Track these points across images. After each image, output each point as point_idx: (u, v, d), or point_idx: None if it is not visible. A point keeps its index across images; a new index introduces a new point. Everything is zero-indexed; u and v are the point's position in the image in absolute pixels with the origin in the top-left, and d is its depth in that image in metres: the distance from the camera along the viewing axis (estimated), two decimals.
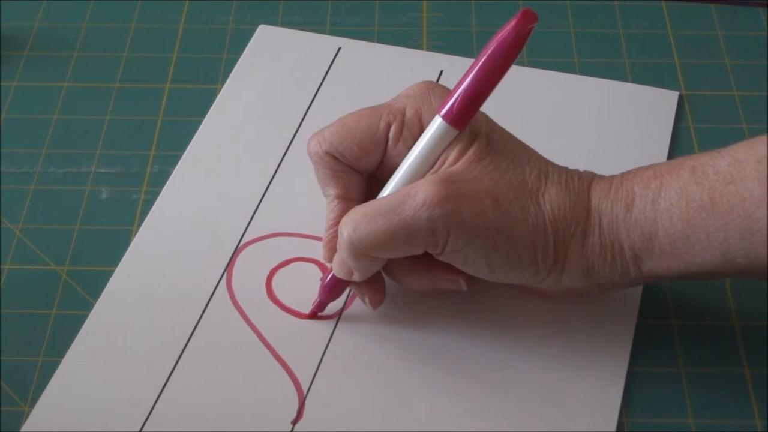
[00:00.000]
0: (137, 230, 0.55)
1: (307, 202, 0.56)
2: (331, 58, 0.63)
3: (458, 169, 0.46)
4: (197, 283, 0.52)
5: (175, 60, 0.64)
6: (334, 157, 0.49)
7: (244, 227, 0.55)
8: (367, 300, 0.50)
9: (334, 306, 0.51)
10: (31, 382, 0.49)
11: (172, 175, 0.57)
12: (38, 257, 0.54)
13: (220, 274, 0.53)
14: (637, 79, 0.63)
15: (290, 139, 0.59)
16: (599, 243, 0.46)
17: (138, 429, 0.47)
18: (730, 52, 0.64)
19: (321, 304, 0.51)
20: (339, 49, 0.64)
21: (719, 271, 0.45)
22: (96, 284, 0.53)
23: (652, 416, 0.48)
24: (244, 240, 0.54)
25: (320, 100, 0.61)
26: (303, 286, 0.52)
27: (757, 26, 0.66)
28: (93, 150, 0.59)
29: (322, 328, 0.51)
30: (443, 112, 0.46)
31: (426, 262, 0.48)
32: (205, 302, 0.52)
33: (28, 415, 0.48)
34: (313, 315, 0.51)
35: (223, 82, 0.62)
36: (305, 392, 0.48)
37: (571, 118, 0.60)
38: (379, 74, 0.63)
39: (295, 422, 0.47)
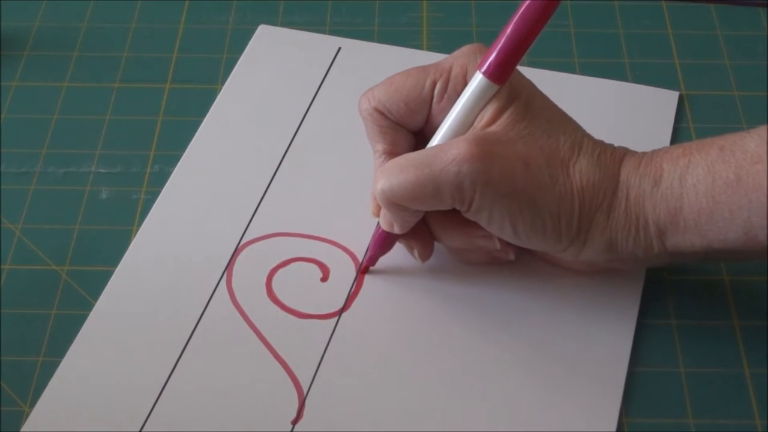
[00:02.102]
0: (137, 230, 0.55)
1: (307, 202, 0.56)
2: (331, 58, 0.63)
3: (494, 130, 0.47)
4: (197, 283, 0.52)
5: (175, 60, 0.64)
6: (382, 113, 0.50)
7: (244, 227, 0.55)
8: (416, 253, 0.51)
9: (334, 306, 0.51)
10: (31, 382, 0.49)
11: (172, 175, 0.57)
12: (38, 257, 0.54)
13: (220, 274, 0.53)
14: (637, 79, 0.63)
15: (290, 139, 0.59)
16: (624, 216, 0.47)
17: (138, 429, 0.47)
18: (730, 52, 0.64)
19: (372, 258, 0.52)
20: (339, 49, 0.64)
21: (741, 249, 0.46)
22: (96, 284, 0.53)
23: (652, 416, 0.48)
24: (244, 240, 0.54)
25: (320, 100, 0.61)
26: (303, 286, 0.52)
27: (757, 26, 0.66)
28: (93, 150, 0.59)
29: (322, 328, 0.51)
30: (483, 68, 0.47)
31: (461, 218, 0.49)
32: (205, 302, 0.52)
33: (28, 415, 0.48)
34: (365, 269, 0.52)
35: (223, 82, 0.62)
36: (305, 392, 0.48)
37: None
38: (379, 74, 0.62)
39: (295, 422, 0.48)
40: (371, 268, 0.53)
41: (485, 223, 0.48)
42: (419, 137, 0.51)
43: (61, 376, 0.49)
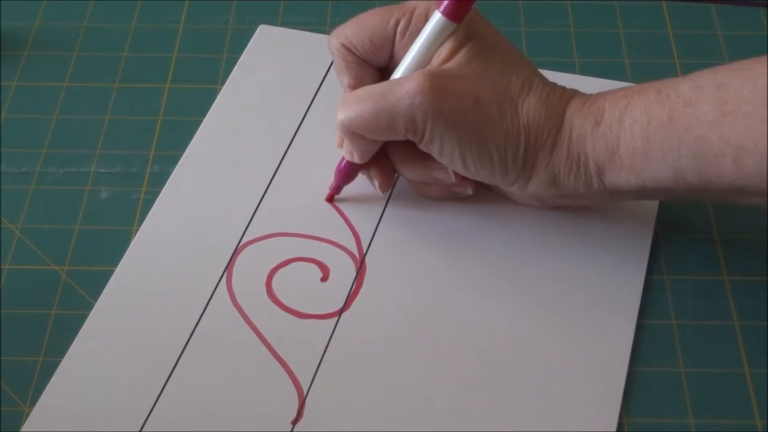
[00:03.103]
0: (137, 230, 0.55)
1: (307, 202, 0.56)
2: (331, 58, 0.63)
3: (449, 66, 0.50)
4: (197, 283, 0.52)
5: (175, 60, 0.64)
6: (348, 49, 0.53)
7: (244, 227, 0.55)
8: (376, 183, 0.55)
9: (334, 305, 0.51)
10: (31, 382, 0.49)
11: (172, 175, 0.57)
12: (38, 257, 0.54)
13: (220, 274, 0.53)
14: (637, 79, 0.62)
15: (290, 139, 0.59)
16: (567, 154, 0.49)
17: (138, 429, 0.47)
18: (730, 52, 0.64)
19: (336, 187, 0.55)
20: None
21: (673, 188, 0.48)
22: (96, 284, 0.53)
23: (652, 416, 0.48)
24: (244, 240, 0.54)
25: (320, 100, 0.61)
26: (303, 286, 0.52)
27: (757, 26, 0.66)
28: (93, 150, 0.59)
29: (322, 328, 0.51)
30: (441, 7, 0.50)
31: (419, 151, 0.52)
32: (205, 302, 0.52)
33: (28, 415, 0.48)
34: (330, 198, 0.56)
35: (223, 82, 0.62)
36: (305, 392, 0.48)
37: None
38: None
39: (295, 422, 0.47)
40: (369, 258, 0.53)
41: (437, 155, 0.51)
42: (384, 74, 0.54)
43: (61, 376, 0.49)
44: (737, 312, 0.52)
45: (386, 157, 0.54)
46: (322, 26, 0.66)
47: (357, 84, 0.53)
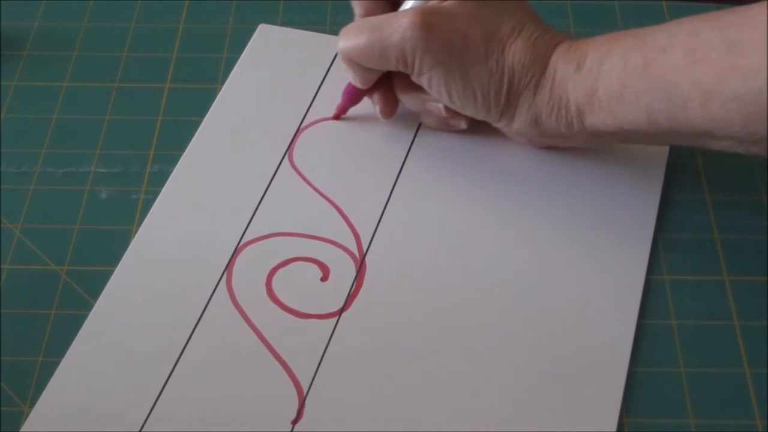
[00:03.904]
0: (137, 230, 0.55)
1: (307, 202, 0.56)
2: (331, 58, 0.63)
3: (444, 5, 0.53)
4: (197, 283, 0.52)
5: (175, 60, 0.64)
6: None
7: (244, 227, 0.55)
8: (377, 109, 0.58)
9: (334, 305, 0.51)
10: (31, 382, 0.49)
11: (172, 175, 0.57)
12: (38, 257, 0.54)
13: (220, 274, 0.53)
14: None
15: (290, 139, 0.59)
16: (549, 95, 0.52)
17: (138, 429, 0.47)
18: None
19: (343, 108, 0.59)
20: None
21: (647, 131, 0.50)
22: (96, 284, 0.53)
23: (652, 416, 0.48)
24: (244, 240, 0.54)
25: (320, 99, 0.61)
26: (303, 286, 0.52)
27: None
28: (93, 150, 0.59)
29: (322, 328, 0.51)
30: None
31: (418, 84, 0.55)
32: (205, 302, 0.52)
33: (28, 415, 0.48)
34: (337, 117, 0.59)
35: (223, 82, 0.62)
36: (305, 392, 0.48)
37: None
38: None
39: (295, 422, 0.48)
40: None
41: (427, 87, 0.54)
42: (395, 7, 0.56)
43: (61, 376, 0.49)
44: (737, 312, 0.52)
45: (389, 84, 0.57)
46: (322, 26, 0.66)
47: (366, 14, 0.56)
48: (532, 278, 0.53)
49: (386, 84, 0.57)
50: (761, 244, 0.54)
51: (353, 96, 0.58)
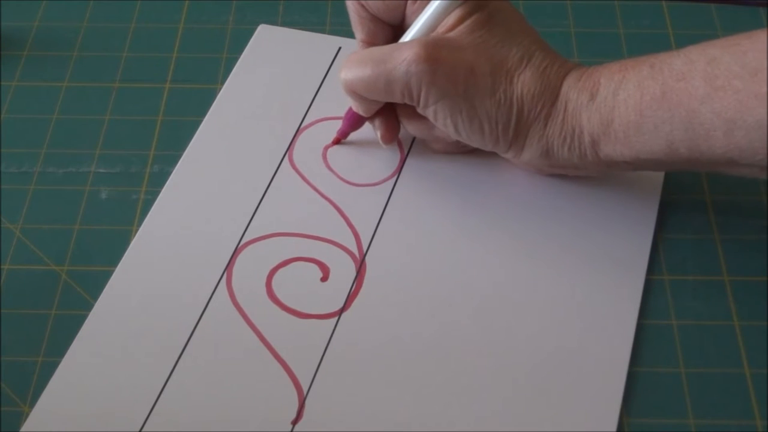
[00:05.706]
0: (137, 230, 0.55)
1: (307, 202, 0.56)
2: (331, 58, 0.63)
3: (450, 36, 0.52)
4: (197, 283, 0.52)
5: (175, 60, 0.64)
6: (362, 5, 0.55)
7: (244, 227, 0.55)
8: (378, 134, 0.56)
9: (334, 305, 0.51)
10: (31, 382, 0.49)
11: (172, 175, 0.57)
12: (38, 257, 0.54)
13: (220, 274, 0.53)
14: None
15: (290, 139, 0.59)
16: (560, 127, 0.51)
17: (138, 429, 0.47)
18: None
19: (344, 132, 0.58)
20: (339, 48, 0.64)
21: (665, 161, 0.49)
22: (96, 284, 0.53)
23: (652, 416, 0.48)
24: (244, 240, 0.54)
25: (320, 99, 0.61)
26: (303, 286, 0.52)
27: (757, 26, 0.65)
28: (93, 150, 0.59)
29: (322, 328, 0.51)
30: None
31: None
32: (205, 302, 0.52)
33: (28, 415, 0.48)
34: (337, 141, 0.58)
35: (223, 82, 0.62)
36: (305, 392, 0.48)
37: None
38: None
39: (295, 422, 0.47)
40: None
41: (433, 119, 0.53)
42: (398, 32, 0.55)
43: (61, 376, 0.49)
44: (737, 312, 0.52)
45: (393, 110, 0.56)
46: (322, 26, 0.66)
47: (369, 40, 0.55)
48: (532, 278, 0.53)
49: (388, 109, 0.56)
50: (761, 244, 0.54)
51: (355, 121, 0.57)
